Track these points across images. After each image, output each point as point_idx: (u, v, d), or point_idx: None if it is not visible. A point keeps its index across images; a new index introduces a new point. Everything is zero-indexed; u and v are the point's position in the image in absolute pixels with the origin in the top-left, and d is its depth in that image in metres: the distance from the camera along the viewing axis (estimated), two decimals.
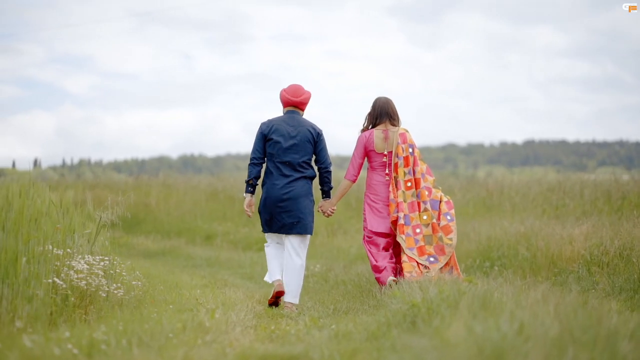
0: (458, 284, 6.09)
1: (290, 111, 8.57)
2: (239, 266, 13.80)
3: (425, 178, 8.72)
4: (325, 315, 7.49)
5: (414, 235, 8.52)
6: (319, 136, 8.49)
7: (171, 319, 5.89)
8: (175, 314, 6.37)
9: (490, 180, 20.39)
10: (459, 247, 11.60)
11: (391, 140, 8.67)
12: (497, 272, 10.26)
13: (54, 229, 7.29)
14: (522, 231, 11.49)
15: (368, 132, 8.76)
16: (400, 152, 8.64)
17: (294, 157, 8.35)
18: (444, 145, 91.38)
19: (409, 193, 8.60)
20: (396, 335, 5.36)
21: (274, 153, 8.38)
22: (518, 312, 4.74)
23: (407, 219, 8.55)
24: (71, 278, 6.82)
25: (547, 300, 5.16)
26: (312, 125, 8.52)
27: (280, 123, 8.45)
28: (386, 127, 8.73)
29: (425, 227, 8.57)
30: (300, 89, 8.60)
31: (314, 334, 6.08)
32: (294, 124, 8.43)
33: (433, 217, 8.56)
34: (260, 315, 7.49)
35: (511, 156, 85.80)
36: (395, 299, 6.31)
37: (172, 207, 21.16)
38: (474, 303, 5.25)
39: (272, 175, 8.41)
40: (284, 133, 8.38)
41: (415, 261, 8.42)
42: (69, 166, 69.94)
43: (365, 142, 8.73)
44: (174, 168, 72.84)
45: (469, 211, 15.81)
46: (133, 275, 8.92)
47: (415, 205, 8.61)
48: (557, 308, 4.80)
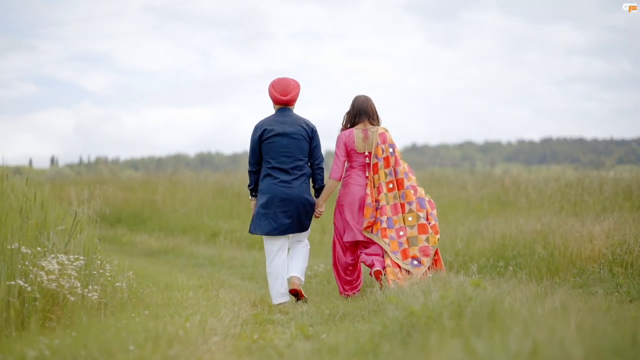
0: (464, 288, 5.28)
1: (281, 109, 8.46)
2: (241, 265, 13.35)
3: (409, 177, 8.57)
4: (318, 322, 6.75)
5: (397, 238, 8.34)
6: (314, 132, 8.41)
7: (136, 328, 5.20)
8: (147, 321, 5.65)
9: (506, 176, 19.76)
10: (472, 246, 11.23)
11: (370, 140, 8.50)
12: (512, 272, 9.81)
13: (24, 226, 6.64)
14: (538, 229, 10.91)
15: (348, 131, 8.57)
16: (380, 153, 8.48)
17: (290, 156, 8.28)
18: (462, 143, 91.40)
19: (391, 195, 8.43)
20: (388, 351, 4.62)
21: (271, 154, 8.30)
22: (532, 325, 3.95)
23: (390, 222, 8.37)
24: (41, 280, 6.19)
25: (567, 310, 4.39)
26: (306, 121, 8.43)
27: (273, 123, 8.36)
28: (365, 126, 8.56)
29: (410, 229, 8.39)
30: (289, 84, 8.43)
31: (297, 346, 5.37)
32: (288, 121, 8.35)
33: (420, 218, 8.37)
34: (247, 321, 6.78)
35: (528, 154, 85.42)
36: (392, 305, 5.59)
37: (178, 203, 20.66)
38: (481, 312, 4.52)
39: (270, 177, 8.31)
40: (279, 131, 8.29)
41: (398, 266, 8.23)
42: (86, 164, 69.97)
43: (346, 141, 8.54)
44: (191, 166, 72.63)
45: (483, 208, 15.25)
46: (123, 276, 8.37)
47: (398, 207, 8.44)
48: (581, 322, 4.00)
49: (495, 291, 5.44)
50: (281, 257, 8.36)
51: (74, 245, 7.31)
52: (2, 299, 5.62)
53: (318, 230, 14.84)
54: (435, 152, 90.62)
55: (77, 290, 6.40)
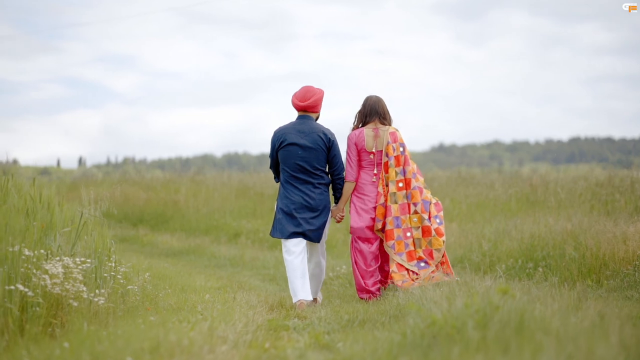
0: (490, 295, 4.85)
1: (301, 116, 8.38)
2: (262, 266, 13.07)
3: (417, 178, 8.52)
4: (335, 329, 6.36)
5: (404, 238, 8.34)
6: (331, 142, 8.29)
7: (138, 336, 4.84)
8: (152, 328, 5.29)
9: (535, 175, 19.32)
10: (499, 247, 10.91)
11: (381, 138, 8.46)
12: (542, 274, 9.46)
13: (29, 227, 6.32)
14: (568, 229, 10.51)
15: (358, 131, 8.53)
16: (391, 152, 8.44)
17: (307, 165, 8.19)
18: (489, 143, 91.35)
19: (400, 194, 8.40)
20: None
21: (287, 162, 8.23)
22: (566, 340, 3.54)
23: (397, 222, 8.35)
24: (44, 284, 5.88)
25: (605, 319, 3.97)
26: (324, 130, 8.31)
27: (291, 130, 8.27)
28: (376, 125, 8.52)
29: (416, 230, 8.38)
30: (309, 91, 8.35)
31: (310, 357, 5.01)
32: (306, 130, 8.25)
33: (424, 220, 8.36)
34: (261, 326, 6.40)
35: (556, 153, 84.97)
36: (413, 312, 5.20)
37: (200, 203, 20.39)
38: (509, 322, 4.11)
39: (287, 185, 8.26)
40: (295, 141, 8.20)
41: (404, 269, 8.24)
42: (113, 164, 70.20)
43: (356, 140, 8.50)
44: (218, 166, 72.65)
45: (511, 207, 14.84)
46: (139, 278, 8.09)
47: (405, 207, 8.41)
48: (622, 336, 3.56)
49: (525, 298, 5.02)
50: (300, 257, 8.18)
51: (83, 247, 7.00)
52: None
53: (342, 230, 14.52)
54: (463, 152, 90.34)
55: (82, 294, 6.09)
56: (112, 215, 22.02)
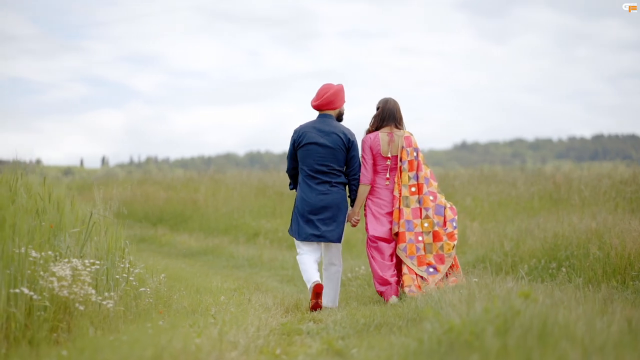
0: (511, 299, 4.60)
1: (321, 115, 8.32)
2: (281, 267, 12.90)
3: (430, 183, 8.46)
4: (351, 333, 6.12)
5: (416, 242, 8.27)
6: (351, 142, 8.22)
7: (144, 343, 4.63)
8: (160, 333, 5.08)
9: (558, 173, 19.02)
10: (521, 246, 10.65)
11: (396, 143, 8.40)
12: (565, 275, 9.22)
13: (38, 227, 6.14)
14: (593, 227, 10.24)
15: (373, 135, 8.44)
16: (405, 157, 8.39)
17: (325, 164, 8.13)
18: (512, 140, 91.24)
19: (412, 198, 8.36)
20: None
21: (306, 161, 8.17)
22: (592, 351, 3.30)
23: (409, 225, 8.28)
24: (52, 287, 5.71)
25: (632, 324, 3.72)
26: (344, 130, 8.23)
27: (311, 129, 8.20)
28: (391, 130, 8.44)
29: (427, 235, 8.31)
30: (322, 89, 8.29)
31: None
32: (325, 129, 8.18)
33: (435, 225, 8.30)
34: (274, 330, 6.18)
35: (580, 151, 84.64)
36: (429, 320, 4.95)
37: (220, 203, 20.22)
38: (531, 328, 3.88)
39: (304, 184, 8.21)
40: (314, 140, 8.13)
41: (414, 273, 8.16)
42: (136, 164, 70.38)
43: (371, 144, 8.41)
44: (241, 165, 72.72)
45: (533, 205, 14.60)
46: (153, 279, 7.92)
47: (417, 212, 8.36)
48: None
49: (548, 301, 4.77)
50: (312, 257, 8.17)
51: (93, 248, 6.81)
52: (1, 309, 5.11)
53: (362, 229, 14.31)
54: (486, 150, 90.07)
55: (91, 297, 5.91)
56: (132, 214, 21.95)
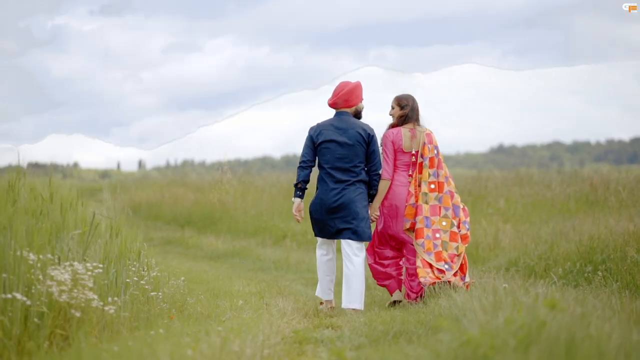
0: (536, 309, 4.12)
1: (338, 113, 8.24)
2: (307, 270, 12.54)
3: (449, 182, 8.43)
4: (364, 344, 5.72)
5: (433, 239, 8.23)
6: (370, 137, 8.14)
7: (136, 354, 4.25)
8: (158, 343, 4.70)
9: (595, 175, 18.57)
10: (556, 249, 10.37)
11: (418, 139, 8.38)
12: (601, 279, 8.85)
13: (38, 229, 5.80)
14: (631, 230, 9.88)
15: (395, 130, 8.42)
16: (427, 153, 8.36)
17: (344, 161, 8.06)
18: (550, 143, 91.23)
19: (432, 195, 8.30)
20: None
21: (325, 158, 8.12)
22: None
23: (428, 222, 8.24)
24: (51, 292, 5.36)
25: None
26: (363, 126, 8.16)
27: (328, 127, 8.17)
28: (413, 126, 8.43)
29: (444, 233, 8.28)
30: (341, 85, 8.24)
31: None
32: (343, 126, 8.12)
33: (452, 225, 8.29)
34: (286, 338, 5.79)
35: (618, 154, 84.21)
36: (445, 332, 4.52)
37: (249, 205, 19.93)
38: (558, 341, 3.43)
39: (324, 181, 8.15)
40: (333, 137, 8.08)
41: (429, 266, 8.12)
42: (172, 167, 70.69)
43: (394, 139, 8.37)
44: (277, 168, 72.90)
45: (569, 207, 14.22)
46: (170, 283, 7.62)
47: (436, 209, 8.31)
48: None
49: (578, 310, 4.29)
50: (328, 257, 8.29)
51: (101, 251, 6.47)
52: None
53: None
54: (523, 153, 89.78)
55: (92, 303, 5.55)
56: (160, 216, 21.76)
